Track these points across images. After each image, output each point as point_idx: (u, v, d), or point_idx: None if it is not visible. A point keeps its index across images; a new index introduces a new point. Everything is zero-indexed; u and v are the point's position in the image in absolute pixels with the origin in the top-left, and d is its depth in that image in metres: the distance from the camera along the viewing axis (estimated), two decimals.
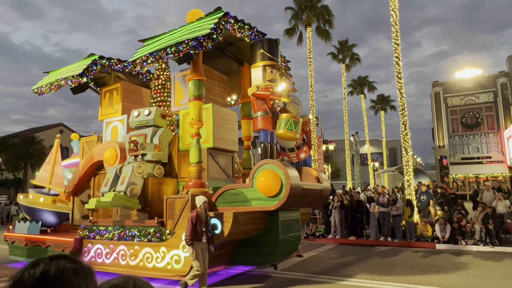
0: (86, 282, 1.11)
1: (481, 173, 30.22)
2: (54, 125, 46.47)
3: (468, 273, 9.08)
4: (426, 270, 9.46)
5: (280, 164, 8.09)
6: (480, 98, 31.76)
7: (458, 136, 32.29)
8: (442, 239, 12.81)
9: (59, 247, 10.09)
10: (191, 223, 7.36)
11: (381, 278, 8.70)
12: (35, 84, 12.21)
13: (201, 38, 8.41)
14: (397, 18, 17.37)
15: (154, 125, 9.95)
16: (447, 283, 8.18)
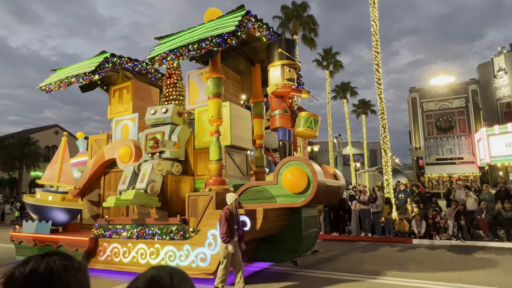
0: (76, 278, 1.07)
1: (454, 173, 30.69)
2: (49, 126, 44.69)
3: (442, 266, 9.14)
4: (403, 264, 9.44)
5: (306, 161, 7.69)
6: (453, 103, 32.31)
7: (433, 138, 32.73)
8: (418, 234, 12.98)
9: (73, 246, 9.36)
10: (226, 220, 6.84)
11: (362, 271, 8.55)
12: (36, 85, 11.43)
13: (226, 35, 7.95)
14: (377, 28, 17.63)
15: (171, 122, 9.39)
16: (423, 275, 8.19)
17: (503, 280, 7.67)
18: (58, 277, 1.02)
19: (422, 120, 32.84)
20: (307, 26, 29.31)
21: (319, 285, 7.46)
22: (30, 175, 40.87)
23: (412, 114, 33.36)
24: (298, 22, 28.66)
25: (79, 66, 10.80)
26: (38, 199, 10.43)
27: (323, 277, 8.11)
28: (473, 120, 31.05)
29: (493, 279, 7.71)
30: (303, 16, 28.95)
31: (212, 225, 7.74)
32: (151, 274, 1.06)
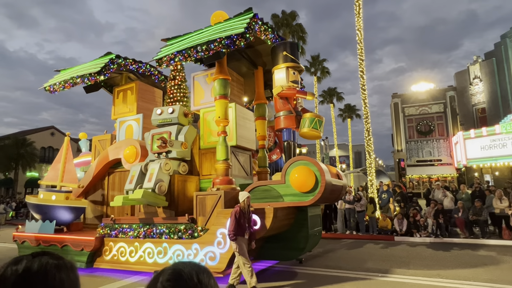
0: (69, 277, 1.02)
1: (433, 174, 30.90)
2: (45, 127, 43.32)
3: (421, 262, 9.05)
4: (386, 260, 9.32)
5: (314, 161, 7.40)
6: (432, 108, 32.61)
7: (414, 141, 32.93)
8: (400, 232, 12.96)
9: (78, 246, 8.84)
10: (235, 218, 6.49)
11: (347, 268, 8.38)
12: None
13: (235, 36, 7.62)
14: (362, 37, 17.62)
15: (177, 123, 9.00)
16: (404, 271, 8.09)
17: (480, 274, 7.64)
18: (52, 276, 0.97)
19: (403, 124, 33.03)
20: (296, 34, 29.33)
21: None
22: (25, 176, 39.65)
23: (394, 119, 33.53)
24: (288, 30, 28.67)
25: (84, 67, 10.31)
26: (41, 199, 9.88)
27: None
28: (450, 124, 31.34)
29: (471, 274, 7.68)
30: (292, 25, 29.03)
31: (222, 224, 7.38)
32: (176, 270, 0.99)
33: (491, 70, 29.05)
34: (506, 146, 24.78)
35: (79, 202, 9.92)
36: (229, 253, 7.20)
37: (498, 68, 28.61)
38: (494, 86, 28.89)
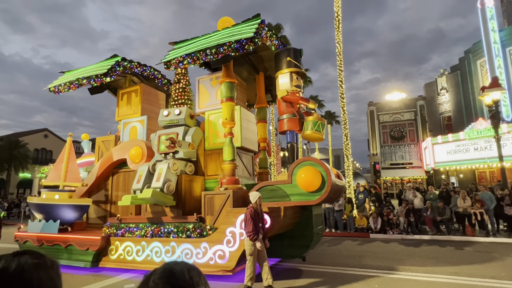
0: (49, 276, 0.95)
1: (405, 176, 31.29)
2: (38, 130, 41.42)
3: (394, 257, 9.01)
4: (362, 256, 9.23)
5: (320, 161, 7.12)
6: (404, 116, 33.10)
7: (388, 146, 33.30)
8: (374, 229, 12.98)
9: (83, 245, 8.23)
10: (251, 218, 6.11)
11: (327, 263, 8.25)
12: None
13: (244, 41, 7.30)
14: (341, 50, 17.83)
15: (184, 124, 8.56)
16: (378, 265, 8.06)
17: (446, 269, 7.63)
18: (29, 276, 0.91)
19: (378, 130, 33.38)
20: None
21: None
22: (18, 177, 37.88)
23: (370, 125, 33.86)
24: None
25: (89, 69, 9.74)
26: (44, 199, 9.21)
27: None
28: (420, 131, 31.86)
29: (438, 269, 7.66)
30: (277, 36, 28.94)
31: (231, 223, 6.99)
32: (167, 268, 0.96)
33: (456, 82, 29.72)
34: (469, 151, 25.33)
35: (83, 200, 9.30)
36: (239, 252, 6.81)
37: (462, 80, 29.29)
38: (459, 96, 29.55)
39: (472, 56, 28.71)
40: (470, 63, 28.70)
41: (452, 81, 30.02)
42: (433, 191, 14.67)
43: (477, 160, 24.83)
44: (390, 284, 6.60)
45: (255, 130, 9.72)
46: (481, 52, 27.39)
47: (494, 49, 26.05)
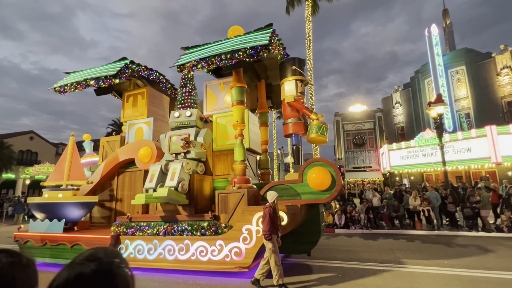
0: (24, 274, 0.89)
1: (365, 178, 31.89)
2: (24, 132, 38.01)
3: (356, 249, 9.03)
4: (326, 250, 9.14)
5: (330, 162, 6.77)
6: (365, 125, 33.85)
7: (351, 151, 33.86)
8: (339, 225, 13.04)
9: (91, 245, 7.30)
10: (269, 217, 5.61)
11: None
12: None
13: (259, 47, 6.84)
14: (311, 66, 18.50)
15: (195, 125, 7.93)
16: (341, 257, 8.05)
17: (400, 258, 7.72)
18: (4, 275, 0.85)
19: (343, 137, 33.89)
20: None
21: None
22: (1, 177, 34.64)
23: (336, 133, 34.32)
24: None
25: (97, 70, 8.85)
26: (46, 198, 8.15)
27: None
28: (378, 138, 32.70)
29: (395, 258, 7.80)
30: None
31: (247, 221, 6.44)
32: (90, 252, 0.90)
33: (408, 97, 30.86)
34: (418, 157, 26.25)
35: (89, 198, 8.31)
36: (255, 248, 6.27)
37: (413, 96, 30.47)
38: (410, 109, 30.68)
39: (421, 76, 29.94)
40: (419, 82, 29.91)
41: (404, 97, 31.14)
42: (388, 191, 14.97)
43: (425, 164, 25.73)
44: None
45: (259, 133, 9.25)
46: (428, 73, 28.62)
47: (438, 71, 27.31)
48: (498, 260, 7.28)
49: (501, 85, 25.46)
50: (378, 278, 6.16)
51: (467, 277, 6.06)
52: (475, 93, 26.31)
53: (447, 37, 31.21)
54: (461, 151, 24.22)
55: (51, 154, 38.99)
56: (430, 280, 5.97)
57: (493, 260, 7.29)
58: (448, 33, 31.17)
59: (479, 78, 26.18)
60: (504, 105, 25.47)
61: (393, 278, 6.14)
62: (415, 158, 26.81)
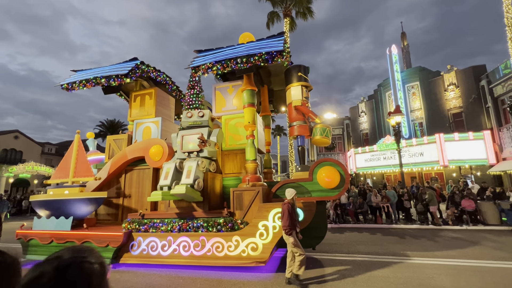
0: (8, 274, 0.80)
1: None
2: (8, 131, 34.55)
3: (325, 241, 8.88)
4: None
5: (339, 162, 6.57)
6: (335, 131, 34.40)
7: (322, 154, 34.23)
8: None
9: (102, 242, 6.56)
10: (289, 213, 5.27)
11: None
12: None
13: (274, 53, 6.53)
14: None
15: (207, 125, 7.42)
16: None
17: (363, 249, 7.82)
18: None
19: None
20: None
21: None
22: None
23: None
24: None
25: (106, 69, 8.07)
26: (51, 195, 7.26)
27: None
28: (346, 143, 33.39)
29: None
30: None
31: (264, 217, 6.06)
32: (57, 251, 0.85)
33: (371, 107, 31.83)
34: (380, 160, 27.06)
35: (98, 193, 7.50)
36: (272, 244, 5.89)
37: (376, 106, 31.47)
38: (373, 118, 31.64)
39: (382, 89, 31.00)
40: (381, 94, 30.96)
41: (368, 107, 32.09)
42: (354, 190, 15.05)
43: (385, 166, 26.50)
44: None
45: (263, 133, 8.89)
46: (388, 86, 29.68)
47: (397, 85, 28.43)
48: (444, 249, 7.58)
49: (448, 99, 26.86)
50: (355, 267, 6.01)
51: (417, 264, 6.24)
52: (427, 106, 27.56)
53: (405, 57, 32.66)
54: (415, 155, 25.14)
55: (37, 153, 35.96)
56: (376, 266, 5.91)
57: (439, 249, 7.60)
58: (405, 53, 32.62)
59: (430, 92, 27.47)
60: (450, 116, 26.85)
61: (355, 266, 6.01)
62: (377, 161, 27.55)
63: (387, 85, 29.95)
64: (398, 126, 15.32)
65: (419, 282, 5.12)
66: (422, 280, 5.25)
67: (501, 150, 21.54)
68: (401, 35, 33.44)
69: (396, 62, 28.76)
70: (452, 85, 26.70)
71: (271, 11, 24.89)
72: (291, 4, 24.47)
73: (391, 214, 12.47)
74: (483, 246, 7.83)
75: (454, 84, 26.52)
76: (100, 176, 7.95)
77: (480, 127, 22.84)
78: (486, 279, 5.19)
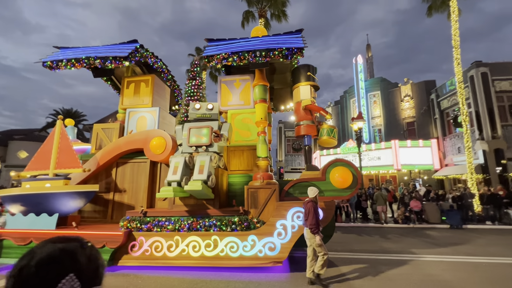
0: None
1: None
2: None
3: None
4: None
5: (351, 162, 6.64)
6: None
7: (290, 155, 34.84)
8: None
9: (98, 242, 5.76)
10: (314, 212, 5.16)
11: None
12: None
13: (295, 50, 6.37)
14: None
15: (216, 119, 6.96)
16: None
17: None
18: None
19: (284, 143, 34.70)
20: (213, 67, 28.06)
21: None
22: None
23: (278, 139, 34.99)
24: (207, 61, 27.41)
25: (101, 49, 7.14)
26: (28, 189, 6.20)
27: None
28: (313, 145, 34.49)
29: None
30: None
31: (282, 216, 5.86)
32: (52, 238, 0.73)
33: (337, 112, 33.33)
34: None
35: (88, 186, 6.59)
36: (291, 243, 5.73)
37: (341, 111, 33.03)
38: (338, 122, 33.16)
39: (348, 96, 32.64)
40: (346, 100, 32.58)
41: (335, 112, 33.53)
42: None
43: None
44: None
45: None
46: (353, 94, 31.37)
47: (361, 93, 30.20)
48: (393, 245, 8.24)
49: (403, 109, 29.18)
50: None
51: (373, 260, 6.68)
52: (386, 114, 29.65)
53: (369, 67, 34.79)
54: (374, 158, 26.90)
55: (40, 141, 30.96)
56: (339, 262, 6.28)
57: (390, 245, 8.25)
58: (369, 63, 34.76)
59: (389, 102, 29.61)
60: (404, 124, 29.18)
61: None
62: None
63: (352, 92, 31.59)
64: (360, 131, 16.27)
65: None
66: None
67: (444, 157, 23.99)
68: (367, 47, 35.57)
69: (361, 71, 30.49)
70: (408, 96, 29.04)
71: (246, 10, 24.66)
72: (266, 5, 24.49)
73: (350, 213, 13.09)
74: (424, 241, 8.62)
75: (409, 95, 28.88)
76: (87, 167, 7.00)
77: (429, 136, 25.18)
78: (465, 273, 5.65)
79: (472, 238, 9.37)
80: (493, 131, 19.15)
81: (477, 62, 19.55)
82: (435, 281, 5.22)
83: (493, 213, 12.54)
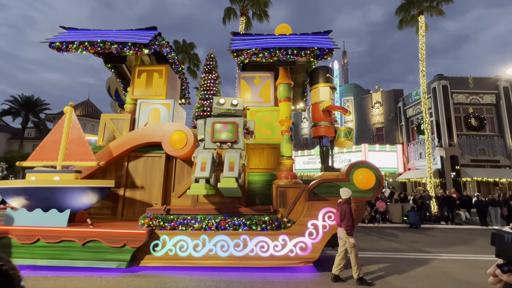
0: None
1: None
2: None
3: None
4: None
5: (373, 165, 6.76)
6: None
7: None
8: None
9: (117, 241, 5.20)
10: (351, 214, 5.16)
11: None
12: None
13: (326, 50, 6.34)
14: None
15: (241, 115, 6.67)
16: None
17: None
18: None
19: None
20: (192, 61, 27.38)
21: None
22: None
23: None
24: (186, 56, 26.67)
25: (114, 34, 6.47)
26: (34, 181, 5.42)
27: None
28: None
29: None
30: (190, 53, 27.06)
31: (313, 216, 5.79)
32: None
33: None
34: (315, 163, 29.35)
35: (103, 182, 5.92)
36: (322, 243, 5.68)
37: None
38: None
39: None
40: None
41: (309, 114, 34.49)
42: None
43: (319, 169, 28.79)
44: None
45: None
46: None
47: (335, 97, 31.39)
48: (362, 243, 8.63)
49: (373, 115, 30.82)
50: None
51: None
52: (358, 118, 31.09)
53: (344, 73, 36.19)
54: (345, 161, 28.04)
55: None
56: None
57: (361, 244, 8.58)
58: (345, 69, 36.17)
59: (361, 107, 31.09)
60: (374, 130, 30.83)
61: None
62: (313, 164, 29.64)
63: None
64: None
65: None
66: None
67: (408, 161, 25.77)
68: (343, 53, 36.95)
69: (336, 77, 31.59)
70: (378, 103, 30.68)
71: (228, 7, 24.31)
72: (248, 4, 24.34)
73: None
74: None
75: (379, 102, 30.52)
76: (90, 169, 6.29)
77: (395, 141, 26.86)
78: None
79: (428, 236, 10.08)
80: (450, 139, 20.94)
81: (439, 75, 21.25)
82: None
83: (447, 214, 13.75)
